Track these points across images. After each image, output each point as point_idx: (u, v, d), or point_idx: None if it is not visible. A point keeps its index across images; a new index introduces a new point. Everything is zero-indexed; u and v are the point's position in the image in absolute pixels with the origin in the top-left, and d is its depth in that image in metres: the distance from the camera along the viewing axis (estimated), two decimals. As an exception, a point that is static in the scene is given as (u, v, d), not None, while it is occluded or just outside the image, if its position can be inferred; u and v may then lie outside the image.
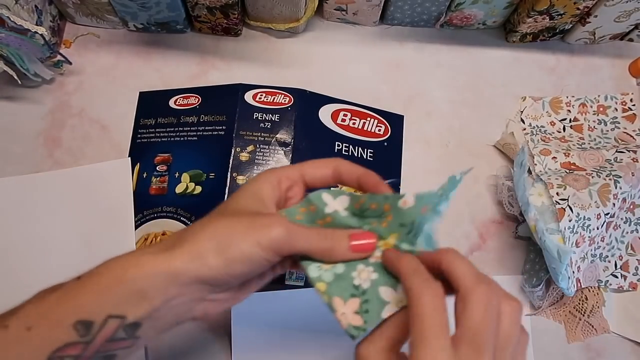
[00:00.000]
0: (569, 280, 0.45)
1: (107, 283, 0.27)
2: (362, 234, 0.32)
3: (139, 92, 0.54)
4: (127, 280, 0.27)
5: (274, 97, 0.51)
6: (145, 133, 0.53)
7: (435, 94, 0.56)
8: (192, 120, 0.52)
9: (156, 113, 0.53)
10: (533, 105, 0.56)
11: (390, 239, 0.32)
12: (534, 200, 0.46)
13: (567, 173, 0.48)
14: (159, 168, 0.51)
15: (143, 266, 0.28)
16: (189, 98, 0.53)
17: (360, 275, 0.31)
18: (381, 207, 0.32)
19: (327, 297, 0.30)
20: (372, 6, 0.54)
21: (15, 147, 0.52)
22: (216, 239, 0.28)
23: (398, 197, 0.31)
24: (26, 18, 0.47)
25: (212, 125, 0.51)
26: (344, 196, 0.33)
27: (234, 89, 0.52)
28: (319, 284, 0.31)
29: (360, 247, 0.31)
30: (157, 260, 0.28)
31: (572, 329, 0.50)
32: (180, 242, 0.29)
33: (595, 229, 0.46)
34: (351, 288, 0.31)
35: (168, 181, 0.50)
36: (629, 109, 0.56)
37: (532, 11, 0.51)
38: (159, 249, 0.29)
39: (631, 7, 0.51)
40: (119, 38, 0.56)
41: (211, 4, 0.50)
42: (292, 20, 0.54)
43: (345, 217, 0.33)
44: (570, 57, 0.58)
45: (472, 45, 0.58)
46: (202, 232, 0.29)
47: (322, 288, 0.31)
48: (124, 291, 0.27)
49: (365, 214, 0.33)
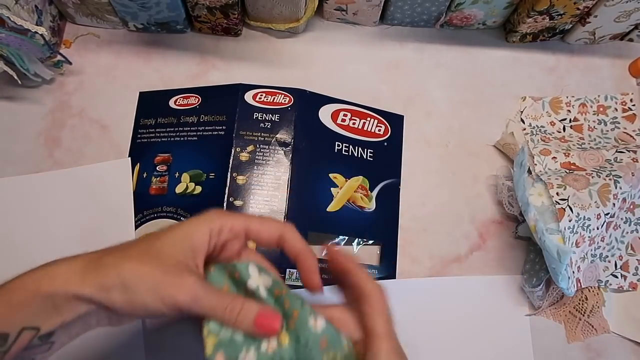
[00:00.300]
0: (568, 280, 0.45)
1: (20, 298, 0.29)
2: (270, 315, 0.31)
3: (139, 92, 0.54)
4: (40, 296, 0.29)
5: (274, 97, 0.52)
6: (145, 133, 0.53)
7: (435, 94, 0.56)
8: (192, 120, 0.52)
9: (156, 113, 0.53)
10: (533, 105, 0.56)
11: (283, 339, 0.32)
12: (534, 200, 0.46)
13: (567, 173, 0.48)
14: (159, 168, 0.51)
15: (55, 284, 0.29)
16: (189, 98, 0.53)
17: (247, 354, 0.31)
18: (291, 309, 0.32)
19: (211, 349, 0.30)
20: (372, 6, 0.54)
21: (15, 147, 0.52)
22: (126, 281, 0.29)
23: (312, 313, 0.31)
24: (26, 18, 0.47)
25: (212, 125, 0.51)
26: (268, 277, 0.33)
27: (234, 89, 0.52)
28: (210, 337, 0.30)
29: (264, 325, 0.31)
30: (69, 280, 0.29)
31: (572, 329, 0.50)
32: (97, 266, 0.30)
33: (595, 229, 0.46)
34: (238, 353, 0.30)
35: (168, 181, 0.50)
36: (629, 109, 0.56)
37: (532, 11, 0.51)
38: (77, 268, 0.30)
39: (631, 7, 0.51)
40: (119, 38, 0.56)
41: (211, 4, 0.50)
42: (292, 20, 0.54)
43: (264, 297, 0.33)
44: (570, 57, 0.58)
45: (472, 45, 0.58)
46: (118, 265, 0.30)
47: (212, 341, 0.30)
48: (37, 305, 0.29)
49: (279, 304, 0.33)
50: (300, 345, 0.31)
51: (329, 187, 0.51)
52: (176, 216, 0.49)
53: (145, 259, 0.30)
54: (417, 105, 0.56)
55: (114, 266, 0.30)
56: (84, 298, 0.29)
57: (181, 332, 0.48)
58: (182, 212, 0.49)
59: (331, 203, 0.51)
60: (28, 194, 0.50)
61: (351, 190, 0.51)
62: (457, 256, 0.52)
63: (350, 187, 0.51)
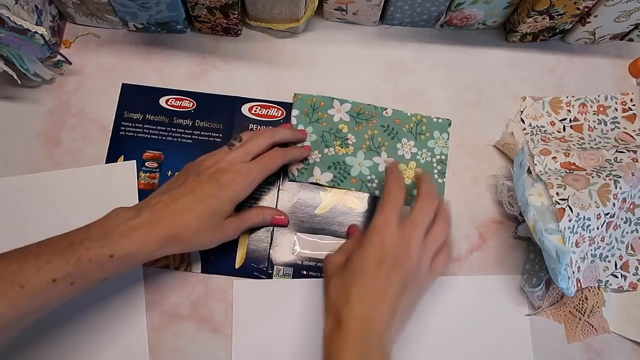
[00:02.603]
0: (568, 280, 0.45)
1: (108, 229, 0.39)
2: (280, 217, 0.51)
3: (122, 84, 0.55)
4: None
5: (268, 110, 0.54)
6: (130, 126, 0.53)
7: (435, 94, 0.56)
8: (186, 123, 0.54)
9: (144, 109, 0.54)
10: (533, 105, 0.56)
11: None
12: (534, 200, 0.46)
13: (567, 173, 0.48)
14: (148, 164, 0.52)
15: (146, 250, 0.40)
16: (183, 100, 0.54)
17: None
18: (371, 113, 0.54)
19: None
20: (372, 6, 0.54)
21: (15, 147, 0.52)
22: (199, 245, 0.45)
23: (383, 108, 0.55)
24: (26, 18, 0.47)
25: (209, 131, 0.53)
26: (347, 104, 0.54)
27: (231, 101, 0.54)
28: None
29: (277, 221, 0.51)
30: (156, 251, 0.41)
31: (572, 329, 0.50)
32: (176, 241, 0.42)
33: (595, 229, 0.46)
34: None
35: (159, 178, 0.52)
36: (629, 109, 0.56)
37: (532, 11, 0.51)
38: (158, 245, 0.41)
39: (631, 7, 0.51)
40: (119, 38, 0.56)
41: (211, 4, 0.50)
42: (292, 20, 0.54)
43: (338, 121, 0.54)
44: (570, 57, 0.58)
45: (472, 45, 0.58)
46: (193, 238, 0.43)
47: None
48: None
49: (360, 117, 0.54)
50: (385, 128, 0.54)
51: (318, 191, 0.52)
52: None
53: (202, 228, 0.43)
54: (417, 105, 0.56)
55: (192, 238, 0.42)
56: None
57: (181, 332, 0.48)
58: None
59: (320, 205, 0.52)
60: (31, 194, 0.50)
61: (340, 193, 0.52)
62: (457, 256, 0.52)
63: (339, 191, 0.52)
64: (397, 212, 0.44)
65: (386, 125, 0.54)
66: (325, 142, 0.53)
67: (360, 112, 0.54)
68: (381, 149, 0.53)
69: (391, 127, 0.54)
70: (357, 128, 0.53)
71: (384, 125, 0.54)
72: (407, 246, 0.42)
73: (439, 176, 0.53)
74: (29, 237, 0.36)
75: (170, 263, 0.49)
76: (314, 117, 0.53)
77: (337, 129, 0.53)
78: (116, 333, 0.47)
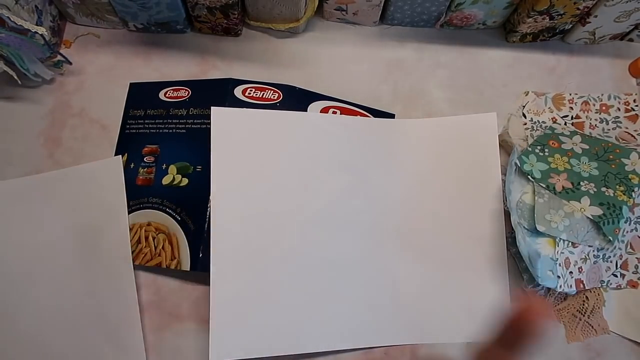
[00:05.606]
0: (558, 279, 0.45)
1: None
2: None
3: (130, 83, 0.54)
4: None
5: (263, 93, 0.51)
6: (134, 124, 0.53)
7: (435, 94, 0.56)
8: (181, 112, 0.52)
9: (146, 104, 0.53)
10: (535, 100, 0.56)
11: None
12: (519, 201, 0.46)
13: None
14: (146, 159, 0.51)
15: None
16: (179, 90, 0.53)
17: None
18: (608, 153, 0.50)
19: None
20: (372, 6, 0.54)
21: (15, 147, 0.52)
22: None
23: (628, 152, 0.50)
24: (26, 18, 0.48)
25: (201, 118, 0.51)
26: (577, 136, 0.51)
27: (224, 83, 0.52)
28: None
29: None
30: None
31: (572, 329, 0.50)
32: None
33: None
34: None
35: (155, 172, 0.51)
36: (632, 109, 0.56)
37: (532, 11, 0.51)
38: None
39: (631, 7, 0.51)
40: (119, 38, 0.56)
41: (211, 4, 0.50)
42: (292, 20, 0.54)
43: (580, 153, 0.50)
44: (570, 57, 0.58)
45: (472, 45, 0.58)
46: None
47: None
48: None
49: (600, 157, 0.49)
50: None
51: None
52: (162, 207, 0.49)
53: None
54: (417, 105, 0.56)
55: None
56: None
57: (181, 333, 0.48)
58: (168, 203, 0.49)
59: None
60: (21, 196, 0.50)
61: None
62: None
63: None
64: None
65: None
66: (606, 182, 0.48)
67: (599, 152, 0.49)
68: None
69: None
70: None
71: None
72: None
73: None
74: (29, 236, 0.35)
75: (162, 261, 0.48)
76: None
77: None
78: (111, 334, 0.46)
